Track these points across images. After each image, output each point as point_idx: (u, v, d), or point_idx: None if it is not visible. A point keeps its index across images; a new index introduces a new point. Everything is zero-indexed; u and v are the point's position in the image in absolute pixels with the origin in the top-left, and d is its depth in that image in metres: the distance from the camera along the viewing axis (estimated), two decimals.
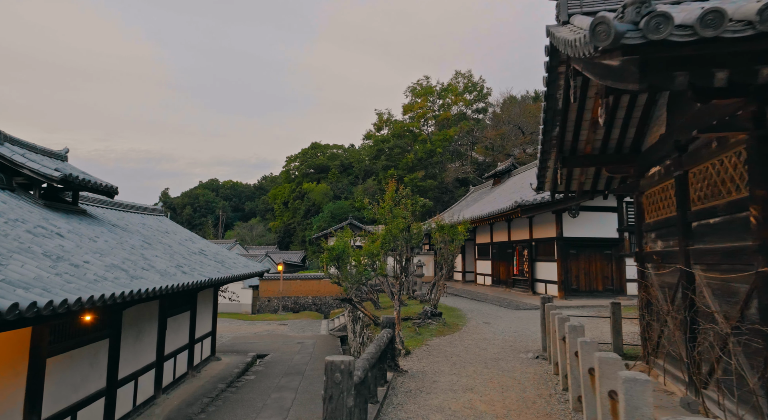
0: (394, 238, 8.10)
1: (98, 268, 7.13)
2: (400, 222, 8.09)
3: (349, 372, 3.52)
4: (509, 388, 5.74)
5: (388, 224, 8.13)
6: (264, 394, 10.89)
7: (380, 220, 8.48)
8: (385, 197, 8.39)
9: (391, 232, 8.33)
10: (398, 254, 8.34)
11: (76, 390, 8.10)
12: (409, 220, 8.21)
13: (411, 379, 6.21)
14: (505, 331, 10.41)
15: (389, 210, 8.10)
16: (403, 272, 8.41)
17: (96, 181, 10.82)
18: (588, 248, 16.63)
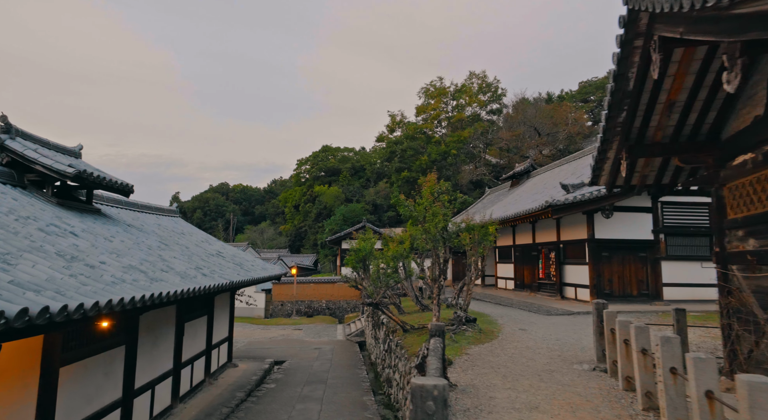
0: (432, 237, 7.43)
1: (115, 269, 6.53)
2: (439, 220, 7.42)
3: (444, 399, 2.86)
4: (580, 408, 5.03)
5: (427, 222, 7.47)
6: (287, 405, 10.24)
7: (417, 217, 7.81)
8: (423, 193, 7.73)
9: (428, 231, 7.66)
10: (436, 255, 7.66)
11: (90, 402, 7.51)
12: (448, 217, 7.55)
13: (464, 394, 5.52)
14: (546, 338, 9.68)
15: (428, 206, 7.44)
16: (442, 275, 7.73)
17: (111, 179, 10.28)
18: (621, 250, 15.83)
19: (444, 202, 7.72)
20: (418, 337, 10.39)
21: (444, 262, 7.79)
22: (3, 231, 5.84)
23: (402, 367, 9.20)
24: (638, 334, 5.02)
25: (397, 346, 10.64)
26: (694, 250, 15.91)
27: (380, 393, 12.10)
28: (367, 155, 71.44)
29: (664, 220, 15.95)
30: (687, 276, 15.69)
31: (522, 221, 18.82)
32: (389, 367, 12.03)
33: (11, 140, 9.09)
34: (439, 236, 7.43)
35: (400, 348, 10.09)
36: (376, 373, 14.70)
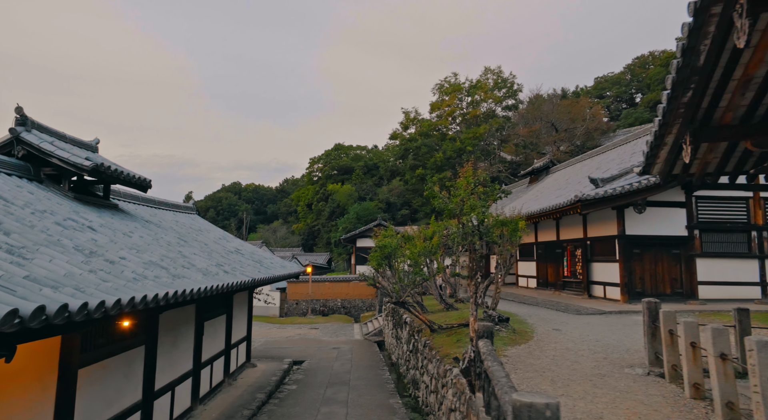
0: (470, 232, 6.94)
1: (136, 265, 6.14)
2: (478, 213, 6.93)
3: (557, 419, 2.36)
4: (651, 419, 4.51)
5: (464, 216, 6.98)
6: (312, 408, 9.82)
7: (453, 210, 7.32)
8: (459, 184, 7.24)
9: (465, 225, 7.17)
10: (472, 250, 7.17)
11: (110, 404, 7.14)
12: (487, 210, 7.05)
13: None
14: (584, 339, 9.15)
15: (465, 198, 6.95)
16: (479, 272, 7.24)
17: (128, 173, 9.93)
18: (653, 247, 15.18)
19: (479, 193, 7.22)
20: (447, 337, 9.91)
21: (481, 257, 7.29)
22: (19, 224, 5.47)
23: (433, 369, 8.73)
24: (716, 337, 4.49)
25: (425, 347, 10.16)
26: (730, 247, 15.22)
27: (405, 395, 11.64)
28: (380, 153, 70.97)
29: (698, 215, 15.27)
30: (723, 274, 15.01)
31: (546, 218, 18.23)
32: (414, 369, 11.56)
33: (27, 133, 8.77)
34: (476, 230, 6.93)
35: (429, 349, 9.62)
36: (398, 375, 14.24)
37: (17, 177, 7.98)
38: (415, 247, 10.20)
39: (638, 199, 14.14)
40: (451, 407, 6.59)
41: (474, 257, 7.27)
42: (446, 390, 7.11)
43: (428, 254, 10.33)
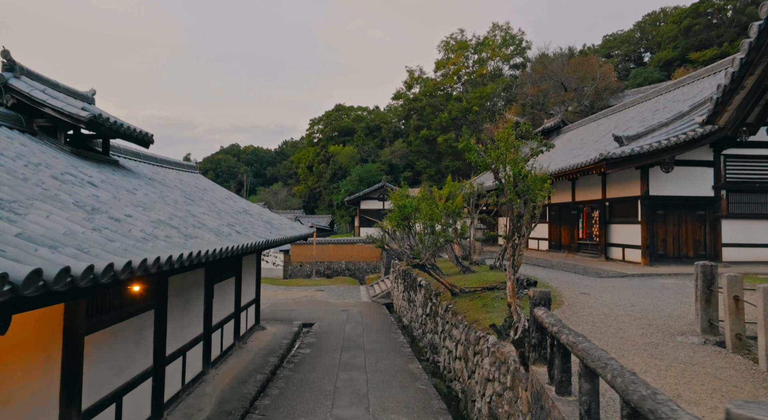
0: (511, 189, 6.28)
1: (144, 224, 5.51)
2: (520, 168, 6.25)
3: None
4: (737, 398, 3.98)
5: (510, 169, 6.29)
6: (329, 373, 9.43)
7: (490, 166, 6.63)
8: (498, 136, 6.53)
9: (504, 182, 6.50)
10: (510, 210, 6.54)
11: (120, 372, 6.68)
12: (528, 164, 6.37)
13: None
14: (618, 304, 8.66)
15: (505, 152, 6.25)
16: (516, 233, 6.63)
17: (129, 126, 9.18)
18: (677, 209, 14.58)
19: (517, 147, 6.52)
20: (471, 301, 9.43)
21: (518, 218, 6.66)
22: (9, 176, 4.80)
23: (459, 334, 8.26)
24: None
25: (447, 311, 9.70)
26: (759, 208, 14.62)
27: (423, 359, 11.29)
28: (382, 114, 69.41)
29: (726, 174, 14.60)
30: (750, 236, 14.48)
31: (561, 178, 17.52)
32: (433, 333, 11.16)
33: (16, 79, 7.97)
34: (518, 188, 6.27)
35: (453, 314, 9.14)
36: (412, 338, 13.91)
37: (7, 128, 7.25)
38: (437, 207, 9.57)
39: (666, 157, 13.42)
40: (489, 377, 6.13)
41: (512, 217, 6.64)
42: (480, 358, 6.64)
43: (452, 215, 9.72)
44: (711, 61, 38.79)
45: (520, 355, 4.66)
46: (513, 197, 6.34)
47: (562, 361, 3.53)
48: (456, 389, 8.34)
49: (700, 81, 17.80)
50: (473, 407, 6.86)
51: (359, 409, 7.30)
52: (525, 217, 8.99)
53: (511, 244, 6.67)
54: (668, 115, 15.14)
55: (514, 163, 6.19)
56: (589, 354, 2.72)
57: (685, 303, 8.89)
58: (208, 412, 8.41)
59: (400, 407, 7.36)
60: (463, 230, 10.81)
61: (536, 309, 4.41)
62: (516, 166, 6.21)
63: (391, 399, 7.79)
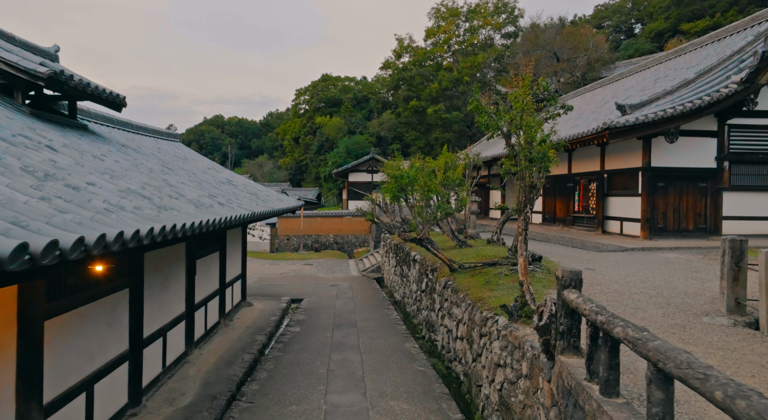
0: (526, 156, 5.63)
1: (110, 193, 4.77)
2: (533, 133, 5.59)
3: None
4: None
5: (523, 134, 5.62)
6: (321, 354, 8.88)
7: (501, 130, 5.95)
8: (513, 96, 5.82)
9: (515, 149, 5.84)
10: (522, 179, 5.91)
11: (91, 358, 6.03)
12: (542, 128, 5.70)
13: None
14: (627, 281, 8.20)
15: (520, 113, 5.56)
16: (528, 205, 6.02)
17: (98, 86, 8.27)
18: (679, 180, 14.12)
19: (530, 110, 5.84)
20: (472, 278, 8.88)
21: (531, 188, 6.04)
22: None
23: (461, 314, 7.73)
24: None
25: (447, 288, 9.15)
26: (761, 180, 14.23)
27: (418, 337, 10.81)
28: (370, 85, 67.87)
29: (730, 145, 14.12)
30: (751, 208, 14.12)
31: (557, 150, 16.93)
32: (429, 310, 10.66)
33: None
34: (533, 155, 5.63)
35: (453, 291, 8.60)
36: (405, 314, 13.44)
37: None
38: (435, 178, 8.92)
39: (671, 127, 12.86)
40: (499, 362, 5.60)
41: (524, 187, 6.01)
42: (488, 341, 6.11)
43: (452, 186, 9.08)
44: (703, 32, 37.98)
45: (543, 342, 4.10)
46: (526, 165, 5.70)
47: (610, 357, 2.95)
48: (457, 371, 7.86)
49: (703, 48, 17.14)
50: (479, 392, 6.37)
51: (355, 395, 6.77)
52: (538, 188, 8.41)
53: (522, 217, 6.05)
54: (672, 83, 14.52)
55: (530, 127, 5.52)
56: (668, 356, 2.12)
57: (696, 279, 8.45)
58: (192, 396, 7.84)
59: (399, 392, 6.85)
60: (463, 202, 10.21)
61: (567, 292, 3.82)
62: (532, 131, 5.55)
63: (389, 382, 7.27)
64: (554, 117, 5.73)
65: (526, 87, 5.75)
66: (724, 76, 13.28)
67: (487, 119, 5.82)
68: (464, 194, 10.24)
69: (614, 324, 2.76)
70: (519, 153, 5.80)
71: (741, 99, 13.01)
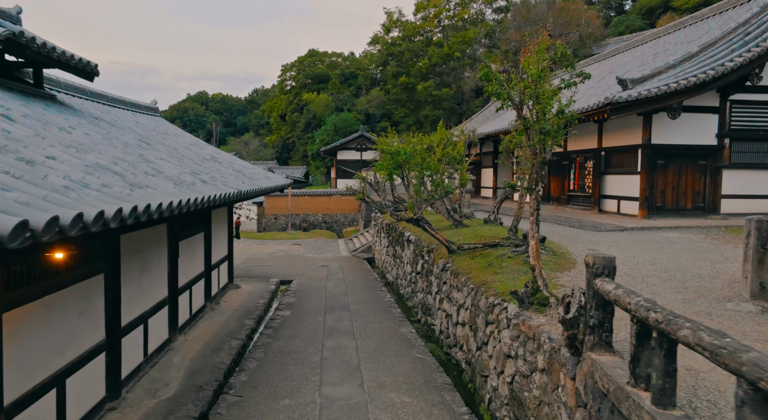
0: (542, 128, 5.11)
1: (73, 169, 4.16)
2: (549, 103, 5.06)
3: None
4: None
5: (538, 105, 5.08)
6: (314, 341, 8.42)
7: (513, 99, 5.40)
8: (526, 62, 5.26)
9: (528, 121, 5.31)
10: (534, 154, 5.40)
11: (61, 351, 5.49)
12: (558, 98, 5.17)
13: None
14: (635, 262, 7.84)
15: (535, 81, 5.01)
16: (540, 182, 5.52)
17: (65, 52, 7.51)
18: (678, 158, 13.74)
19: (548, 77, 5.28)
20: (472, 260, 8.44)
21: (542, 164, 5.54)
22: None
23: (463, 298, 7.30)
24: None
25: (445, 271, 8.71)
26: (761, 157, 13.92)
27: (413, 320, 10.41)
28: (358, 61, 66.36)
29: (731, 122, 13.74)
30: (751, 186, 13.85)
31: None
32: (425, 293, 10.24)
33: None
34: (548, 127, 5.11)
35: (454, 274, 8.15)
36: (399, 296, 13.04)
37: None
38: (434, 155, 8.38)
39: (674, 102, 12.41)
40: (509, 353, 5.17)
41: (536, 163, 5.51)
42: (496, 330, 5.68)
43: (453, 163, 8.56)
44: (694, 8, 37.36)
45: (569, 336, 3.65)
46: (541, 138, 5.18)
47: (666, 361, 2.49)
48: (457, 358, 7.46)
49: (704, 21, 16.62)
50: (484, 383, 5.98)
51: (352, 386, 6.33)
52: (532, 165, 7.93)
53: (534, 197, 5.56)
54: (674, 57, 14.01)
55: (546, 97, 4.98)
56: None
57: (705, 260, 8.11)
58: (176, 387, 7.36)
59: (399, 382, 6.42)
60: (464, 181, 9.70)
61: (600, 281, 3.35)
62: (548, 100, 5.01)
63: (387, 372, 6.84)
64: (570, 86, 5.20)
65: (542, 51, 5.19)
66: (729, 49, 12.82)
67: (497, 87, 5.27)
68: (465, 172, 9.72)
69: (678, 325, 2.29)
70: (532, 125, 5.27)
71: (746, 73, 12.62)
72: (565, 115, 5.13)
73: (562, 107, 5.14)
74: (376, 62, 52.26)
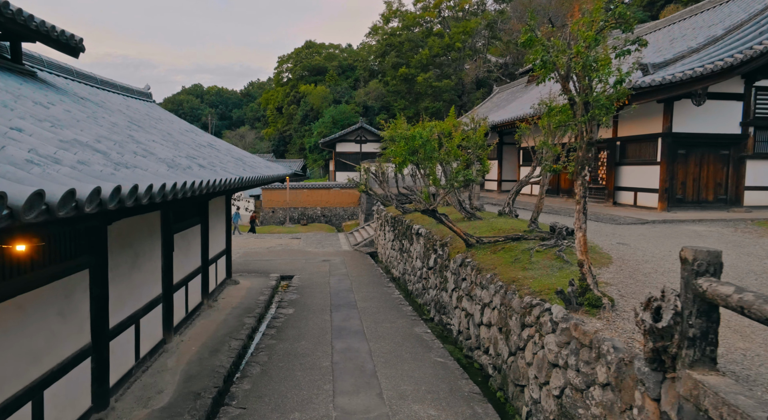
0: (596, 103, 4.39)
1: (43, 142, 3.41)
2: (606, 73, 4.34)
3: None
4: None
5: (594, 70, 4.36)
6: (322, 343, 7.70)
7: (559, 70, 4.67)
8: (577, 25, 4.54)
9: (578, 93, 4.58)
10: (582, 133, 4.69)
11: (37, 358, 4.77)
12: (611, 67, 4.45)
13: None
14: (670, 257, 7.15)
15: (589, 43, 4.27)
16: (587, 167, 4.81)
17: (44, 21, 6.73)
18: (700, 148, 13.08)
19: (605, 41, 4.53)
20: (493, 254, 7.75)
21: (589, 145, 4.83)
22: None
23: (489, 297, 6.60)
24: None
25: (464, 266, 8.01)
26: None
27: (426, 319, 9.71)
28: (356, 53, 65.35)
29: (756, 110, 13.08)
30: None
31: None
32: (439, 290, 9.55)
33: None
34: (602, 101, 4.40)
35: (475, 270, 7.45)
36: (406, 292, 12.35)
37: None
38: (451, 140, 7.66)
39: (699, 87, 11.71)
40: (556, 361, 4.48)
41: (583, 144, 4.80)
42: (536, 334, 4.98)
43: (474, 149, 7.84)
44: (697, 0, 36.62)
45: (657, 349, 2.94)
46: (594, 113, 4.47)
47: None
48: (482, 362, 6.77)
49: (725, 5, 15.92)
50: (520, 394, 5.29)
51: (369, 396, 5.62)
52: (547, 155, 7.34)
53: (580, 181, 4.85)
54: (695, 42, 13.31)
55: (603, 64, 4.26)
56: None
57: (750, 255, 7.46)
58: (171, 394, 6.64)
59: (422, 392, 5.72)
60: (486, 168, 8.99)
61: (705, 281, 2.66)
62: (605, 68, 4.29)
63: (407, 379, 6.14)
64: (624, 54, 4.49)
65: (598, 10, 4.45)
66: (757, 31, 12.13)
67: (542, 54, 4.53)
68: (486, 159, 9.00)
69: None
70: (582, 99, 4.55)
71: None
72: (622, 87, 4.41)
73: (622, 76, 4.42)
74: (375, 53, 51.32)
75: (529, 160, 21.44)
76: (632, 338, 3.84)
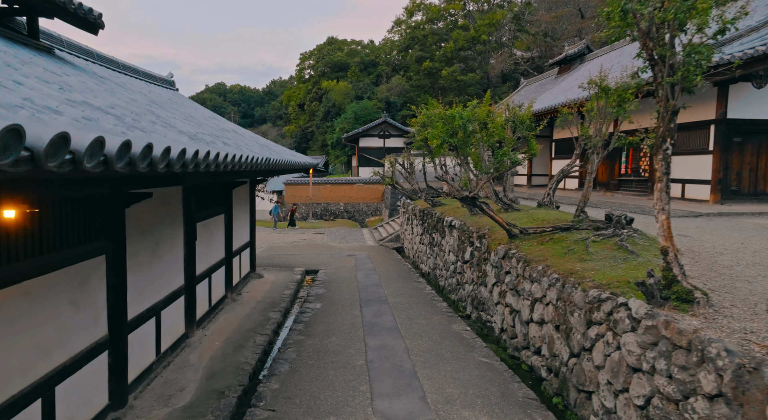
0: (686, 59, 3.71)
1: (45, 97, 2.89)
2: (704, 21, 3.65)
3: None
4: None
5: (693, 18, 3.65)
6: (354, 339, 7.12)
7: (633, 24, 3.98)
8: None
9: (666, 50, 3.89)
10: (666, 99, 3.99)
11: (47, 351, 4.31)
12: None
13: None
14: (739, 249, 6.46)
15: None
16: (669, 138, 4.11)
17: None
18: (758, 135, 12.11)
19: None
20: (541, 245, 7.07)
21: (674, 114, 4.13)
22: None
23: (542, 291, 5.92)
24: None
25: (509, 258, 7.34)
26: None
27: (462, 316, 9.07)
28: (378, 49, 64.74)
29: None
30: None
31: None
32: (477, 284, 8.89)
33: None
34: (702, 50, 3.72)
35: (522, 262, 6.78)
36: (438, 288, 11.70)
37: None
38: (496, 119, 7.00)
39: (761, 68, 10.78)
40: (639, 365, 3.80)
41: (665, 112, 4.11)
42: (607, 331, 4.31)
43: (521, 129, 7.17)
44: None
45: None
46: (684, 71, 3.78)
47: None
48: (533, 364, 6.10)
49: None
50: (587, 401, 4.62)
51: (412, 400, 5.01)
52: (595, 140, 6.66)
53: (661, 156, 4.16)
54: (753, 20, 12.33)
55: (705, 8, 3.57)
56: None
57: None
58: (193, 392, 6.16)
59: (470, 396, 5.08)
60: (534, 151, 8.30)
61: None
62: (706, 11, 3.60)
63: (451, 381, 5.51)
64: (725, 2, 3.78)
65: None
66: None
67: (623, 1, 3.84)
68: (534, 141, 8.31)
69: None
70: (668, 58, 3.86)
71: None
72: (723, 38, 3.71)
73: (727, 22, 3.72)
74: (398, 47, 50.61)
75: (563, 152, 20.54)
76: (746, 340, 3.15)
